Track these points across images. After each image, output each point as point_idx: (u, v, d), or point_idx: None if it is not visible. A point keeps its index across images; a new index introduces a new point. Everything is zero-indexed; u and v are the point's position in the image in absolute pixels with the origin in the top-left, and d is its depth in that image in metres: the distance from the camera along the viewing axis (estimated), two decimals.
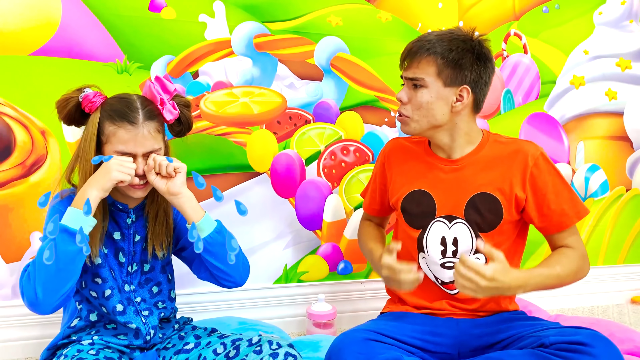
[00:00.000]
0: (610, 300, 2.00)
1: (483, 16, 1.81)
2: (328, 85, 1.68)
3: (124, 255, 1.13)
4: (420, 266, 1.23)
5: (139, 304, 1.14)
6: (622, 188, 2.00)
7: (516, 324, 1.15)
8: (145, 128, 1.05)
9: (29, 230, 1.47)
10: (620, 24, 1.95)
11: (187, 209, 1.08)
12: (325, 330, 1.54)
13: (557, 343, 1.01)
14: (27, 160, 1.46)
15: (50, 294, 0.99)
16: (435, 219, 1.21)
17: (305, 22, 1.64)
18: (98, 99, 1.07)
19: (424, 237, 1.22)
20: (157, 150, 1.07)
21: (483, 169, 1.20)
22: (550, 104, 1.91)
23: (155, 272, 1.18)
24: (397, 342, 1.08)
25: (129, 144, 1.04)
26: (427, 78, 1.16)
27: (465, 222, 1.19)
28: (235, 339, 1.11)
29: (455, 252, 1.19)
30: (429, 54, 1.16)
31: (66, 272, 0.99)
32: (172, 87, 1.10)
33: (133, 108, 1.05)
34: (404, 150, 1.31)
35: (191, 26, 1.55)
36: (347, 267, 1.73)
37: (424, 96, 1.17)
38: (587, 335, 1.01)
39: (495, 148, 1.21)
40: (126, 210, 1.13)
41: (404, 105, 1.20)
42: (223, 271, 1.12)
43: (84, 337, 1.12)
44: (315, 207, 1.69)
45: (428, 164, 1.25)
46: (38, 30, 1.43)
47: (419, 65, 1.17)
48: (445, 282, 1.21)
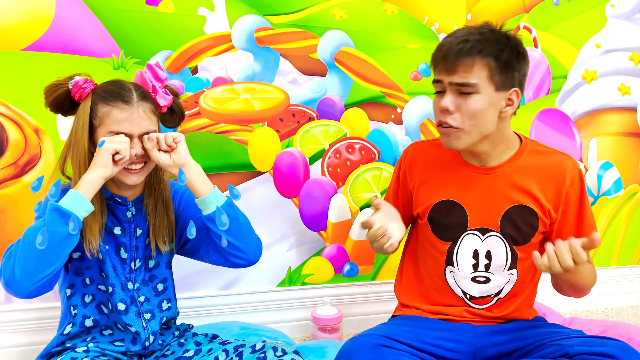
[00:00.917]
0: (625, 301, 1.95)
1: (492, 9, 1.76)
2: (332, 81, 1.63)
3: (126, 250, 1.08)
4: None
5: (141, 304, 1.09)
6: (636, 186, 1.95)
7: (536, 332, 1.10)
8: (140, 108, 1.01)
9: (22, 233, 1.42)
10: (633, 16, 1.90)
11: (196, 180, 1.04)
12: (331, 335, 1.49)
13: (582, 354, 0.95)
14: (20, 159, 1.41)
15: (29, 275, 0.93)
16: (467, 231, 1.14)
17: (308, 15, 1.59)
18: (88, 86, 1.03)
19: (454, 250, 1.15)
20: (152, 132, 1.03)
21: (520, 180, 1.12)
22: (562, 100, 1.86)
23: (160, 268, 1.13)
24: (410, 349, 1.02)
25: (124, 123, 1.00)
26: (480, 83, 1.03)
27: (500, 235, 1.13)
28: (238, 345, 1.06)
29: (487, 265, 1.13)
30: (482, 56, 1.03)
31: (51, 254, 0.94)
32: (164, 75, 1.07)
33: (126, 88, 1.02)
34: (428, 156, 1.21)
35: (190, 20, 1.50)
36: (353, 269, 1.69)
37: (477, 103, 1.04)
38: (615, 347, 0.94)
39: (533, 158, 1.13)
40: (125, 204, 1.08)
41: (451, 115, 1.05)
42: (235, 246, 1.06)
43: (79, 344, 1.07)
44: (320, 207, 1.64)
45: (458, 171, 1.16)
46: (31, 25, 1.38)
47: (470, 69, 1.03)
48: (475, 297, 1.15)
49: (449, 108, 1.05)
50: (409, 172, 1.23)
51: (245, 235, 1.08)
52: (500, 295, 1.14)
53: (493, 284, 1.14)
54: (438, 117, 1.08)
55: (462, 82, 1.04)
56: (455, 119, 1.05)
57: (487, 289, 1.14)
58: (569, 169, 1.12)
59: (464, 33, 1.06)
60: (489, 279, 1.13)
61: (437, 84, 1.09)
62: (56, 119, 1.42)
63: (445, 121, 1.06)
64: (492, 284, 1.14)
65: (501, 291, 1.14)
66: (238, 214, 1.07)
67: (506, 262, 1.13)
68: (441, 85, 1.07)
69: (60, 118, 1.42)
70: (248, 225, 1.10)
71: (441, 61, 1.06)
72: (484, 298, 1.14)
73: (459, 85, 1.04)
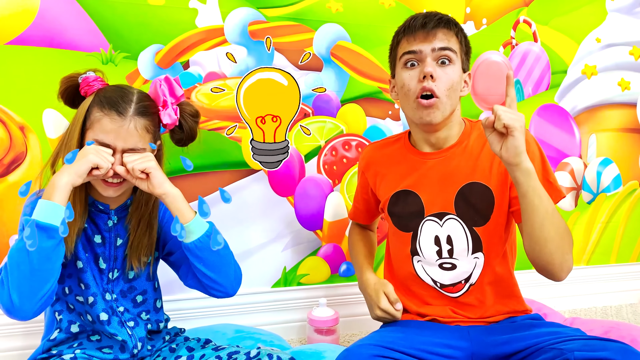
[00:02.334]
0: (624, 299, 1.94)
1: (491, 2, 1.73)
2: (328, 76, 1.59)
3: (105, 261, 1.04)
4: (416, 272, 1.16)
5: (122, 314, 1.05)
6: (635, 183, 1.93)
7: (534, 332, 1.05)
8: (132, 122, 0.96)
9: (8, 234, 1.37)
10: (634, 10, 1.87)
11: (174, 209, 0.99)
12: (327, 337, 1.46)
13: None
14: (4, 158, 1.36)
15: (27, 298, 0.90)
16: (425, 218, 1.13)
17: (304, 8, 1.55)
18: (97, 84, 1.00)
19: (416, 239, 1.14)
20: (138, 150, 0.98)
21: (469, 158, 1.11)
22: (561, 95, 1.83)
23: (140, 280, 1.09)
24: (405, 357, 0.99)
25: (110, 134, 0.95)
26: (457, 52, 1.07)
27: (456, 218, 1.10)
28: (232, 352, 1.02)
29: (450, 251, 1.11)
30: (457, 31, 1.07)
31: (42, 272, 0.90)
32: (180, 92, 1.03)
33: (127, 100, 0.97)
34: (381, 154, 1.23)
35: (181, 13, 1.45)
36: (349, 269, 1.65)
37: (455, 72, 1.06)
38: (618, 351, 0.89)
39: (481, 136, 1.12)
40: (107, 211, 1.04)
41: (435, 83, 1.05)
42: (212, 279, 1.03)
43: (65, 350, 1.03)
44: (316, 206, 1.61)
45: (409, 160, 1.17)
46: (14, 18, 1.33)
47: (450, 38, 1.06)
48: (446, 284, 1.13)
49: (433, 73, 1.04)
50: (367, 173, 1.26)
51: (223, 267, 1.03)
52: (470, 281, 1.12)
53: (460, 270, 1.11)
54: (418, 87, 1.06)
55: (444, 46, 1.05)
56: (439, 87, 1.05)
57: (455, 276, 1.12)
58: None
59: (432, 12, 1.09)
60: (455, 265, 1.12)
61: (411, 55, 1.07)
62: (42, 115, 1.37)
63: (430, 88, 1.04)
64: (459, 270, 1.11)
65: (471, 276, 1.12)
66: (211, 237, 1.02)
67: (467, 245, 1.10)
68: (418, 56, 1.07)
69: (46, 115, 1.37)
70: (227, 256, 1.04)
71: (420, 30, 1.06)
72: (455, 285, 1.12)
73: (442, 49, 1.05)
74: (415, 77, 1.07)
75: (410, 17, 1.11)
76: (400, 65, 1.10)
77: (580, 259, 1.90)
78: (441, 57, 1.06)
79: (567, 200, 1.86)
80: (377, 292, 1.17)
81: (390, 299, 1.15)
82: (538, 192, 0.97)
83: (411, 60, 1.08)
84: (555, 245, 0.99)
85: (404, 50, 1.09)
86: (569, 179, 1.85)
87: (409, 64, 1.08)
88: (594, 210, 1.90)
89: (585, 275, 1.90)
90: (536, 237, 0.99)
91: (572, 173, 1.85)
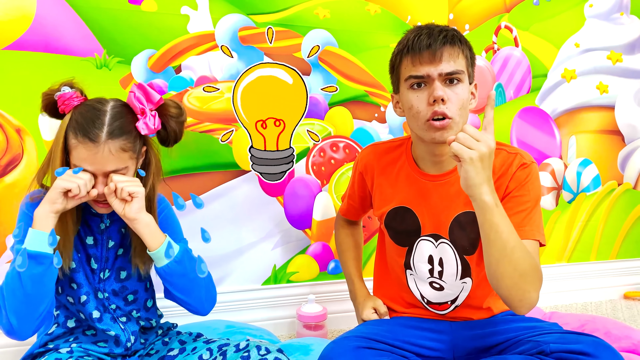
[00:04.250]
0: (604, 296, 1.99)
1: (473, 9, 1.78)
2: (316, 80, 1.63)
3: (96, 261, 1.08)
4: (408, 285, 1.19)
5: (114, 311, 1.09)
6: (614, 182, 1.99)
7: (513, 326, 1.10)
8: (106, 147, 0.96)
9: (4, 234, 1.41)
10: (611, 16, 1.94)
11: (144, 235, 1.01)
12: (315, 332, 1.50)
13: (557, 352, 0.94)
14: (1, 160, 1.39)
15: (26, 320, 0.94)
16: (421, 237, 1.14)
17: (292, 15, 1.60)
18: (72, 102, 1.00)
19: (410, 255, 1.16)
20: (121, 170, 0.99)
21: None
22: (542, 98, 1.89)
23: (132, 280, 1.11)
24: (390, 347, 1.03)
25: (86, 162, 0.97)
26: (465, 71, 1.03)
27: (449, 243, 1.11)
28: (222, 344, 1.06)
29: (440, 272, 1.13)
30: (462, 45, 1.03)
31: (36, 295, 0.94)
32: (157, 97, 1.01)
33: (98, 123, 0.96)
34: (381, 162, 1.20)
35: (173, 19, 1.50)
36: (337, 267, 1.69)
37: (464, 91, 1.02)
38: (590, 344, 0.94)
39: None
40: (99, 215, 1.07)
41: (447, 105, 1.00)
42: (183, 300, 1.07)
43: (62, 344, 1.06)
44: (305, 205, 1.65)
45: (411, 178, 1.14)
46: (11, 23, 1.37)
47: (456, 57, 1.02)
48: (432, 302, 1.15)
49: (444, 97, 1.00)
50: (366, 175, 1.24)
51: (193, 291, 1.06)
52: (456, 302, 1.14)
53: (448, 291, 1.13)
54: (429, 110, 1.01)
55: (452, 71, 1.01)
56: (451, 109, 1.01)
57: (442, 295, 1.14)
58: (513, 165, 1.07)
59: (433, 26, 1.04)
60: (442, 287, 1.14)
61: (417, 79, 1.03)
62: (38, 119, 1.40)
63: (442, 112, 1.00)
64: (446, 291, 1.13)
65: (457, 298, 1.14)
66: (187, 270, 1.05)
67: (457, 270, 1.12)
68: (425, 80, 1.02)
69: (42, 118, 1.40)
70: (197, 280, 1.06)
71: (425, 51, 1.01)
72: (441, 304, 1.14)
73: (449, 74, 1.01)
74: (424, 100, 1.02)
75: (411, 33, 1.06)
76: (406, 87, 1.06)
77: (562, 256, 1.96)
78: (451, 78, 1.02)
79: (548, 200, 1.92)
80: (365, 306, 1.23)
81: (379, 311, 1.20)
82: (495, 227, 0.92)
83: (418, 82, 1.04)
84: (513, 282, 0.93)
85: (410, 73, 1.04)
86: (550, 179, 1.91)
87: (415, 85, 1.04)
88: (575, 209, 1.95)
89: (566, 273, 1.95)
90: (492, 271, 0.95)
91: (552, 173, 1.91)
